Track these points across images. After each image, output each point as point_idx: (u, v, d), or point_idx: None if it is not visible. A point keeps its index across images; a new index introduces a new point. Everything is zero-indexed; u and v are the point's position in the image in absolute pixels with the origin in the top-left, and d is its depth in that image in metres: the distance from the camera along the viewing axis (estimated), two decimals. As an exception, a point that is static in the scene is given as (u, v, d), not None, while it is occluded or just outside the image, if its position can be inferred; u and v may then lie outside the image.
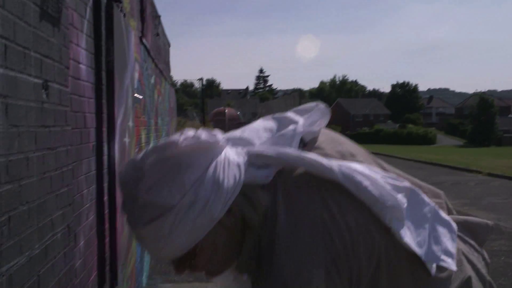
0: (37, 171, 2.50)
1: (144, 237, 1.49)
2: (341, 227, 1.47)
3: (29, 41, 2.40)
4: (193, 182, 1.43)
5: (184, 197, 1.42)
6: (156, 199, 1.42)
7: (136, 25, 6.85)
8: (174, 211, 1.42)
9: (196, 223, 1.44)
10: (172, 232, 1.43)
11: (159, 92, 10.70)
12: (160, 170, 1.44)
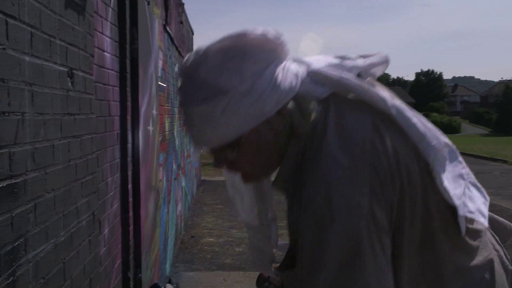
0: (62, 159, 2.51)
1: (194, 117, 1.52)
2: (389, 153, 1.48)
3: (54, 29, 2.40)
4: (252, 73, 1.48)
5: (241, 84, 1.47)
6: (215, 80, 1.47)
7: (160, 13, 6.84)
8: (228, 95, 1.46)
9: (247, 113, 1.48)
10: (222, 115, 1.48)
11: (182, 80, 10.69)
12: (223, 55, 1.49)
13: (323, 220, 1.41)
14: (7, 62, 1.86)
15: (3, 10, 1.82)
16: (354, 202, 1.40)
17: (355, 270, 1.39)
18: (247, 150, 1.57)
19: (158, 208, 6.15)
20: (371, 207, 1.41)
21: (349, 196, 1.41)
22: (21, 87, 2.00)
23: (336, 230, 1.40)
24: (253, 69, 1.49)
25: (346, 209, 1.40)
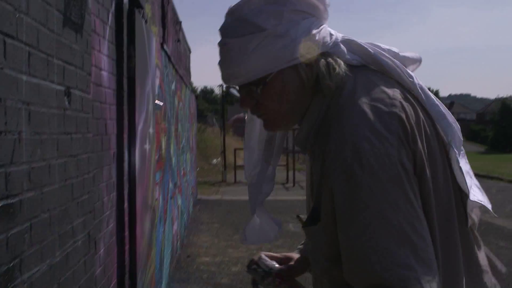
0: (58, 178, 2.49)
1: (230, 51, 1.61)
2: (414, 115, 1.56)
3: (52, 48, 2.39)
4: (289, 20, 1.58)
5: (277, 26, 1.57)
6: (254, 19, 1.58)
7: (158, 31, 6.85)
8: (263, 34, 1.57)
9: (277, 54, 1.58)
10: (254, 51, 1.57)
11: (179, 98, 10.71)
12: (262, 1, 1.60)
13: (353, 170, 1.45)
14: (4, 81, 1.85)
15: (1, 29, 1.82)
16: (383, 151, 1.45)
17: (390, 216, 1.42)
18: (272, 91, 1.64)
19: (154, 227, 6.12)
20: (400, 157, 1.47)
21: (378, 146, 1.46)
22: (18, 106, 1.99)
23: (368, 179, 1.44)
24: (291, 17, 1.59)
25: (375, 158, 1.45)
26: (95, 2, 3.35)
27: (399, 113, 1.52)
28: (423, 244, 1.44)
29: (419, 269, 1.40)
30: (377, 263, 1.41)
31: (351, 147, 1.46)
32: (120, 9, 4.15)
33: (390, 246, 1.41)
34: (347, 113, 1.54)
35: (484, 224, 13.04)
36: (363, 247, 1.44)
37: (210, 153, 30.80)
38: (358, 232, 1.45)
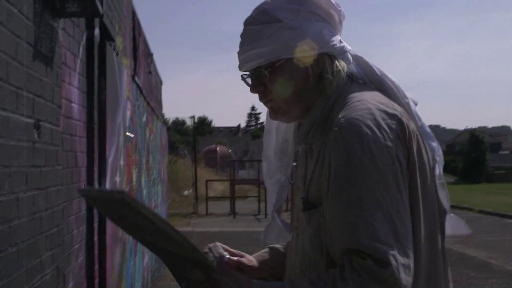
0: (27, 211, 2.47)
1: (248, 36, 1.82)
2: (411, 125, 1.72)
3: (22, 81, 2.39)
4: (304, 18, 1.78)
5: (292, 20, 1.77)
6: (273, 12, 1.79)
7: (129, 63, 6.86)
8: (279, 25, 1.76)
9: (289, 42, 1.76)
10: (269, 38, 1.77)
11: (150, 130, 10.69)
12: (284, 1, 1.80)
13: (355, 150, 1.58)
14: (-28, 115, 1.84)
15: (-31, 62, 1.81)
16: (383, 141, 1.59)
17: (380, 197, 1.55)
18: (279, 76, 1.80)
19: (124, 260, 6.06)
20: (397, 151, 1.61)
21: (379, 136, 1.60)
22: (-14, 139, 1.98)
23: (366, 160, 1.57)
24: (306, 16, 1.79)
25: (375, 145, 1.58)
26: (66, 34, 3.36)
27: (399, 116, 1.68)
28: (404, 231, 1.55)
29: (397, 252, 1.50)
30: (361, 231, 1.52)
31: (355, 133, 1.60)
32: (91, 42, 4.15)
33: (375, 222, 1.52)
34: (352, 106, 1.69)
35: (455, 254, 13.12)
36: (351, 215, 1.55)
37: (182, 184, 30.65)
38: (350, 201, 1.56)
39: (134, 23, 7.56)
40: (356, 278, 1.50)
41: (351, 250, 1.53)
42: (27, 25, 2.47)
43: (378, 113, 1.66)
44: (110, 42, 4.99)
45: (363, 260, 1.50)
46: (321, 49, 1.79)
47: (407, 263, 1.52)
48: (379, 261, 1.49)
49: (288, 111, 1.86)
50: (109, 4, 4.92)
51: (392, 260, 1.49)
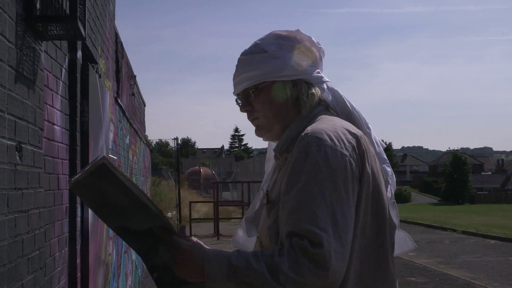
0: (8, 234, 2.46)
1: (240, 64, 2.18)
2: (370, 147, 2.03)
3: (3, 103, 2.39)
4: (287, 51, 2.14)
5: (276, 52, 2.13)
6: (263, 45, 2.16)
7: (112, 85, 6.87)
8: (265, 54, 2.13)
9: (272, 68, 2.10)
10: (257, 64, 2.12)
11: (133, 152, 10.67)
12: (277, 36, 2.18)
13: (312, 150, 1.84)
14: (-47, 138, 1.84)
15: (-49, 85, 1.82)
16: (339, 149, 1.86)
17: (326, 192, 1.78)
18: (263, 96, 2.13)
19: (107, 282, 6.02)
20: (351, 159, 1.87)
21: (336, 144, 1.87)
22: (-33, 162, 1.98)
23: (321, 160, 1.82)
24: (289, 49, 2.14)
25: (331, 150, 1.84)
26: (48, 57, 3.37)
27: (359, 136, 1.97)
28: (345, 226, 1.77)
29: (332, 239, 1.71)
30: (303, 217, 1.75)
31: (315, 138, 1.87)
32: (73, 64, 4.16)
33: (318, 211, 1.74)
34: (321, 122, 2.01)
35: (439, 275, 13.15)
36: (298, 202, 1.78)
37: (165, 206, 30.51)
38: (299, 192, 1.80)
39: (117, 45, 7.58)
40: (292, 254, 1.71)
41: (293, 232, 1.75)
42: (9, 48, 2.48)
43: (341, 129, 1.95)
44: (93, 64, 5.00)
45: (301, 241, 1.71)
46: (299, 76, 2.13)
47: (341, 251, 1.73)
48: (314, 243, 1.69)
49: (270, 128, 2.16)
50: (91, 27, 4.94)
51: (326, 243, 1.69)
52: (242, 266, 1.74)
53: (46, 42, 3.23)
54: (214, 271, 1.77)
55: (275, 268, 1.70)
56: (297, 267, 1.69)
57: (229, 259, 1.77)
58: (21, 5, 2.67)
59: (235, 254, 1.79)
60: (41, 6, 2.90)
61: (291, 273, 1.68)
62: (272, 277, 1.69)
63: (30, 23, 2.79)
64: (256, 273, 1.71)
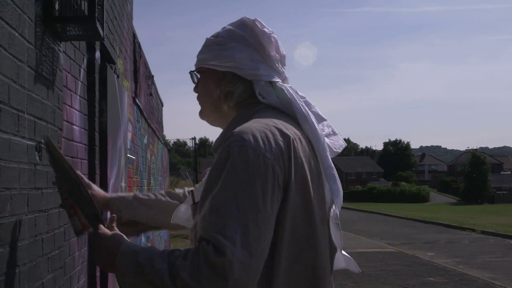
0: (28, 234, 2.48)
1: (204, 43, 2.17)
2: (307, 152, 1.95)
3: (23, 104, 2.41)
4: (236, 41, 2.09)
5: (225, 39, 2.11)
6: (222, 30, 2.16)
7: (130, 85, 6.90)
8: (215, 40, 2.13)
9: (215, 56, 2.09)
10: (206, 47, 2.14)
11: (152, 152, 10.71)
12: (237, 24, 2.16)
13: (233, 153, 1.76)
14: (-26, 138, 1.86)
15: (-28, 86, 1.83)
16: (262, 152, 1.76)
17: (240, 199, 1.70)
18: (202, 80, 2.17)
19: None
20: (274, 164, 1.76)
21: (260, 146, 1.77)
22: (-12, 162, 2.00)
23: (239, 163, 1.74)
24: (238, 39, 2.09)
25: (253, 152, 1.75)
26: (67, 58, 3.39)
27: (292, 138, 1.88)
28: (257, 234, 1.68)
29: (239, 248, 1.64)
30: (212, 224, 1.68)
31: (239, 138, 1.79)
32: (92, 65, 4.19)
33: (228, 218, 1.67)
34: (253, 121, 1.92)
35: (458, 275, 13.08)
36: (211, 207, 1.71)
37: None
38: (214, 196, 1.73)
39: (134, 45, 7.61)
40: (195, 259, 1.66)
41: (202, 237, 1.70)
42: (28, 49, 2.50)
43: (271, 129, 1.86)
44: (111, 64, 5.03)
45: (207, 246, 1.65)
46: (234, 69, 2.07)
47: (247, 262, 1.65)
48: (218, 251, 1.63)
49: (206, 113, 2.20)
50: (109, 28, 4.96)
51: (229, 253, 1.62)
52: (147, 264, 1.71)
53: (64, 42, 3.25)
54: (124, 265, 1.76)
55: (175, 272, 1.66)
56: (196, 274, 1.64)
57: (138, 255, 1.74)
58: (40, 6, 2.69)
59: (143, 250, 1.77)
60: (59, 7, 2.91)
61: (189, 279, 1.64)
62: (171, 280, 1.66)
63: (49, 24, 2.81)
64: (158, 273, 1.69)
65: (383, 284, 12.60)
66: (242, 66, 2.06)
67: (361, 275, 13.67)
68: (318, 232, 1.92)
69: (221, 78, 2.09)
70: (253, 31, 2.10)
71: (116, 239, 1.87)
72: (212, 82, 2.11)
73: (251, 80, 2.08)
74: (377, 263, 15.70)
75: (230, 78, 2.08)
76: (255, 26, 2.11)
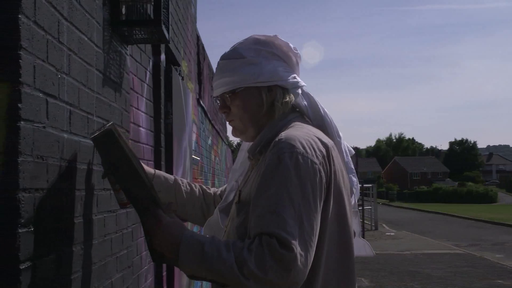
0: (98, 234, 2.53)
1: (219, 68, 2.27)
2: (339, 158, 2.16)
3: (92, 106, 2.46)
4: (264, 57, 2.23)
5: (253, 57, 2.22)
6: (241, 50, 2.25)
7: (194, 87, 6.97)
8: (243, 60, 2.22)
9: (248, 74, 2.19)
10: (234, 69, 2.22)
11: (215, 153, 10.79)
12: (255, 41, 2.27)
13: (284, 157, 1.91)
14: (46, 140, 1.91)
15: (44, 90, 1.88)
16: (310, 156, 1.94)
17: (295, 198, 1.85)
18: (238, 100, 2.23)
19: (192, 281, 6.10)
20: (320, 168, 1.95)
21: (308, 151, 1.95)
22: (59, 164, 2.04)
23: (291, 167, 1.90)
24: (266, 55, 2.24)
25: (302, 157, 1.92)
26: (134, 61, 3.45)
27: (330, 146, 2.07)
28: (311, 232, 1.86)
29: (298, 243, 1.80)
30: (273, 221, 1.82)
31: (288, 144, 1.95)
32: (157, 67, 4.25)
33: (286, 216, 1.82)
34: (295, 129, 2.09)
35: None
36: (268, 207, 1.85)
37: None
38: (269, 197, 1.87)
39: (198, 47, 7.68)
40: (259, 250, 1.79)
41: (262, 233, 1.82)
42: (97, 52, 2.55)
43: (313, 137, 2.04)
44: (176, 67, 5.09)
45: (271, 239, 1.79)
46: (274, 82, 2.21)
47: (305, 256, 1.81)
48: (283, 244, 1.78)
49: (245, 130, 2.28)
50: (174, 30, 5.02)
51: (294, 247, 1.78)
52: (213, 254, 1.83)
53: (131, 46, 3.30)
54: (187, 254, 1.87)
55: (242, 263, 1.79)
56: (261, 264, 1.77)
57: (203, 246, 1.86)
58: (107, 10, 2.74)
59: (208, 241, 1.88)
60: (126, 11, 2.97)
61: (256, 269, 1.77)
62: (239, 269, 1.79)
63: (116, 28, 2.86)
64: (225, 263, 1.81)
65: (450, 286, 12.38)
66: (285, 78, 2.23)
67: (428, 277, 13.46)
68: (348, 220, 2.11)
69: (262, 93, 2.22)
70: (277, 45, 2.27)
71: (177, 227, 1.97)
72: (257, 98, 2.22)
73: (287, 88, 2.24)
74: (444, 265, 15.43)
75: (278, 90, 2.23)
76: (277, 40, 2.28)
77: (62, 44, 2.09)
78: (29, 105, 1.76)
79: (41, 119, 1.86)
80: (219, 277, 1.83)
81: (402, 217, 39.87)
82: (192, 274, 1.90)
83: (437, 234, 25.18)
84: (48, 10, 1.94)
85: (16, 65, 1.69)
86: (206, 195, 2.69)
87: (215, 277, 1.84)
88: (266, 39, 2.27)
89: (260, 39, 2.27)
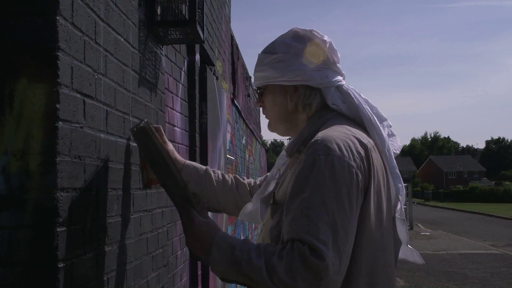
0: (134, 233, 2.55)
1: (258, 60, 2.28)
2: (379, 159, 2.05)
3: (128, 106, 2.48)
4: (295, 52, 2.19)
5: (284, 54, 2.19)
6: (277, 44, 2.24)
7: (228, 87, 6.99)
8: (274, 56, 2.21)
9: (275, 73, 2.19)
10: (264, 66, 2.23)
11: (250, 152, 10.80)
12: (293, 35, 2.25)
13: (320, 159, 1.86)
14: (84, 140, 1.93)
15: (81, 90, 1.90)
16: (346, 159, 1.88)
17: (329, 203, 1.80)
18: (269, 96, 2.26)
19: (226, 280, 6.12)
20: (357, 171, 1.88)
21: (344, 154, 1.88)
22: (96, 163, 2.07)
23: (326, 170, 1.84)
24: (296, 51, 2.19)
25: (338, 160, 1.86)
26: (169, 61, 3.47)
27: (369, 147, 1.99)
28: (345, 238, 1.80)
29: (331, 251, 1.75)
30: (305, 228, 1.79)
31: (324, 146, 1.89)
32: (192, 67, 4.26)
33: (319, 223, 1.78)
34: (333, 129, 2.02)
35: None
36: (301, 211, 1.82)
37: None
38: (302, 200, 1.83)
39: (232, 47, 7.70)
40: (289, 257, 1.77)
41: (294, 239, 1.79)
42: (132, 53, 2.57)
43: (350, 138, 1.96)
44: (210, 67, 5.11)
45: (303, 246, 1.76)
46: (300, 82, 2.17)
47: (338, 264, 1.77)
48: (314, 252, 1.74)
49: (276, 126, 2.31)
50: (208, 30, 5.04)
51: (326, 256, 1.73)
52: (244, 258, 1.82)
53: (166, 46, 3.32)
54: (219, 256, 1.88)
55: (272, 268, 1.77)
56: (291, 272, 1.76)
57: (234, 249, 1.86)
58: (143, 11, 2.76)
59: (239, 244, 1.88)
60: (161, 12, 2.98)
61: (285, 275, 1.76)
62: (268, 275, 1.77)
63: (152, 29, 2.88)
64: (255, 268, 1.80)
65: (487, 287, 12.22)
66: (313, 77, 2.16)
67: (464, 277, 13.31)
68: (386, 230, 2.03)
69: (293, 91, 2.20)
70: (312, 39, 2.22)
71: (210, 228, 1.98)
72: (283, 96, 2.21)
73: (321, 88, 2.18)
74: (481, 265, 15.24)
75: (304, 91, 2.19)
76: (314, 37, 2.22)
77: (99, 45, 2.11)
78: (67, 105, 1.78)
79: (79, 119, 1.88)
80: (249, 281, 1.83)
81: (438, 216, 39.49)
82: (223, 276, 1.91)
83: (473, 234, 24.89)
84: (85, 11, 1.96)
85: (54, 67, 1.71)
86: (240, 185, 2.67)
87: (245, 280, 1.84)
88: (303, 34, 2.23)
89: (298, 33, 2.24)
